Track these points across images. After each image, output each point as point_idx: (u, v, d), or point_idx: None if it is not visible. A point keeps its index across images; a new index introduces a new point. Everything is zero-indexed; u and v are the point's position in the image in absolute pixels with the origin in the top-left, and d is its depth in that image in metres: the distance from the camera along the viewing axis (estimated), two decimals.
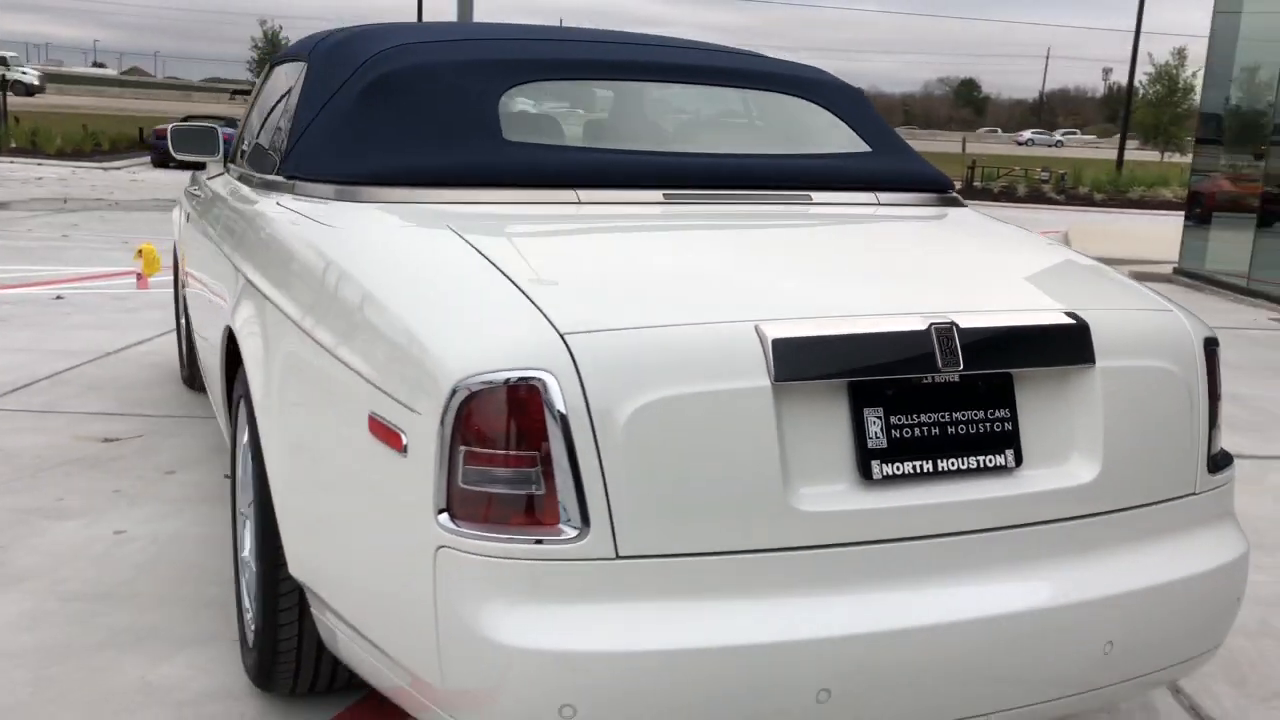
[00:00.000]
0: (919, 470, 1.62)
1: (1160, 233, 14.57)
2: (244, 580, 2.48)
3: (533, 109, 2.32)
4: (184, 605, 2.76)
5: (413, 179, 2.13)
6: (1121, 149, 28.54)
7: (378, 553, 1.65)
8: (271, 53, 37.05)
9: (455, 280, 1.68)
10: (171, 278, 5.24)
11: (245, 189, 2.89)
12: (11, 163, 20.93)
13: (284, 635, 2.10)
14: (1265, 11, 10.02)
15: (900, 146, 2.51)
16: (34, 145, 23.89)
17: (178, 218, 4.67)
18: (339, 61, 2.52)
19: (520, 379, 1.48)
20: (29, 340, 5.75)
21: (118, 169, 21.74)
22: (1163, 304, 1.92)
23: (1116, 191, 22.74)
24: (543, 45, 2.40)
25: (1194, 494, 1.83)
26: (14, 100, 29.78)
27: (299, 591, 2.07)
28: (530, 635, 1.47)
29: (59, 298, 7.11)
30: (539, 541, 1.48)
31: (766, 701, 1.49)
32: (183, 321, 4.98)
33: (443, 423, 1.51)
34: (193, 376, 4.76)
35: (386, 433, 1.61)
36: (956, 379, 1.66)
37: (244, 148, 3.54)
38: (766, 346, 1.55)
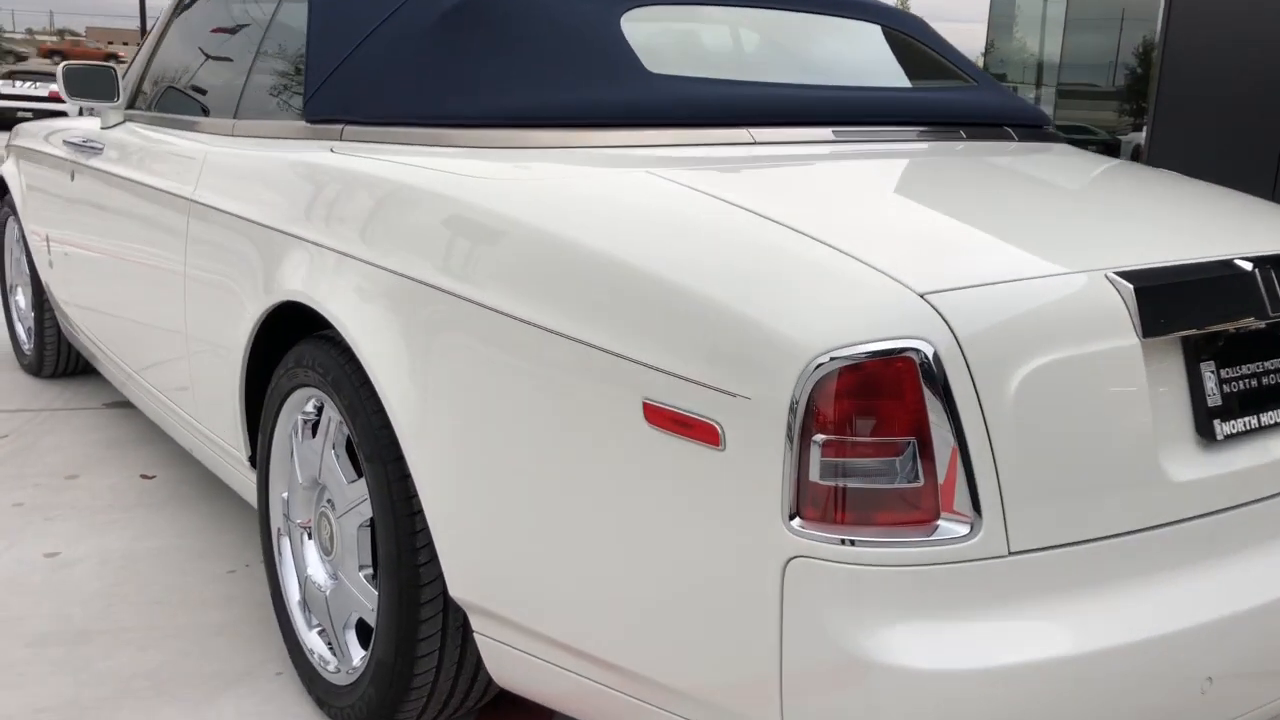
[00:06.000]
0: (1252, 426, 1.49)
1: None
2: (300, 606, 2.09)
3: (654, 37, 2.02)
4: (187, 637, 2.32)
5: (547, 119, 1.80)
6: None
7: (662, 566, 1.37)
8: None
9: (736, 238, 1.40)
10: None
11: (229, 139, 2.42)
12: None
13: (422, 666, 1.76)
14: None
15: (991, 79, 2.38)
16: None
17: (17, 180, 3.97)
18: None
19: (891, 350, 1.24)
20: None
21: None
22: None
23: None
24: None
25: None
26: None
27: (446, 614, 1.74)
28: (921, 655, 1.24)
29: None
30: (919, 542, 1.25)
31: (1147, 701, 1.33)
32: (19, 300, 4.28)
33: (793, 408, 1.24)
34: (42, 362, 4.09)
35: (684, 423, 1.32)
36: (1265, 325, 1.54)
37: (158, 93, 3.00)
38: (1129, 298, 1.37)
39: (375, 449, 1.75)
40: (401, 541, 1.72)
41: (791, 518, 1.26)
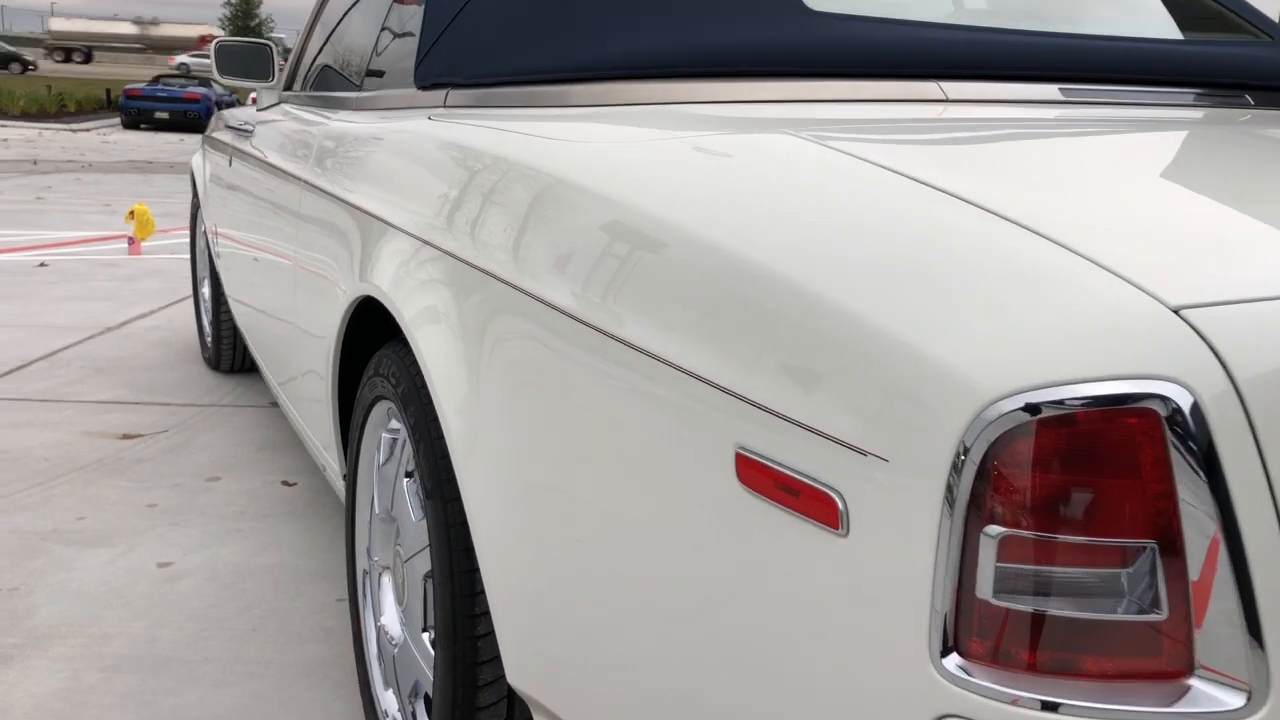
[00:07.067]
0: None
1: None
2: (377, 658, 1.76)
3: None
4: (271, 676, 2.03)
5: (674, 69, 1.39)
6: None
7: (760, 691, 0.93)
8: (247, 14, 35.94)
9: (891, 221, 0.95)
10: (188, 240, 4.47)
11: (350, 114, 2.15)
12: None
13: None
14: None
15: None
16: None
17: (201, 169, 3.90)
18: None
19: (1121, 395, 0.76)
20: (14, 314, 4.97)
21: (87, 130, 20.79)
22: None
23: None
24: None
25: None
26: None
27: (511, 704, 1.36)
28: None
29: (42, 265, 6.31)
30: (1158, 715, 0.77)
31: None
32: (205, 291, 4.22)
33: (955, 479, 0.78)
34: (219, 356, 4.01)
35: (789, 488, 0.88)
36: None
37: (311, 71, 2.78)
38: None
39: (435, 483, 1.38)
40: (458, 604, 1.35)
41: (945, 653, 0.80)
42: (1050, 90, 1.39)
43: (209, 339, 4.14)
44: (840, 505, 0.85)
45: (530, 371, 1.20)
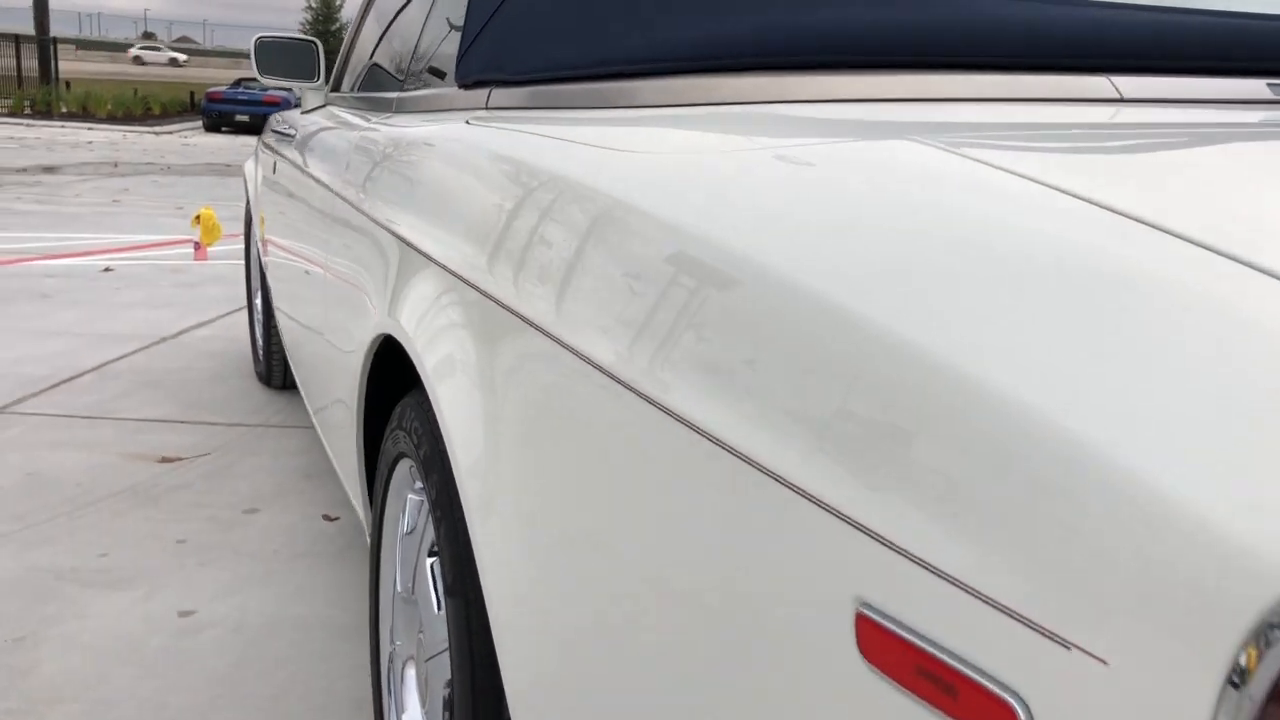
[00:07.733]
0: None
1: None
2: None
3: None
4: None
5: (767, 57, 1.10)
6: None
7: None
8: (327, 18, 36.52)
9: (1096, 273, 0.64)
10: (243, 247, 4.29)
11: (389, 117, 1.89)
12: (62, 127, 20.29)
13: None
14: None
15: None
16: (85, 110, 23.45)
17: (253, 174, 3.70)
18: None
19: None
20: (74, 321, 4.84)
21: (169, 133, 21.09)
22: None
23: None
24: None
25: None
26: (67, 66, 29.41)
27: None
28: None
29: (108, 270, 6.21)
30: None
31: None
32: (258, 302, 4.03)
33: (1233, 704, 0.48)
34: (270, 371, 3.80)
35: (941, 681, 0.59)
36: None
37: (356, 70, 2.53)
38: None
39: (457, 577, 1.11)
40: None
41: None
42: (1256, 87, 1.07)
43: (261, 352, 3.95)
44: (1023, 718, 0.55)
45: (574, 450, 0.92)
